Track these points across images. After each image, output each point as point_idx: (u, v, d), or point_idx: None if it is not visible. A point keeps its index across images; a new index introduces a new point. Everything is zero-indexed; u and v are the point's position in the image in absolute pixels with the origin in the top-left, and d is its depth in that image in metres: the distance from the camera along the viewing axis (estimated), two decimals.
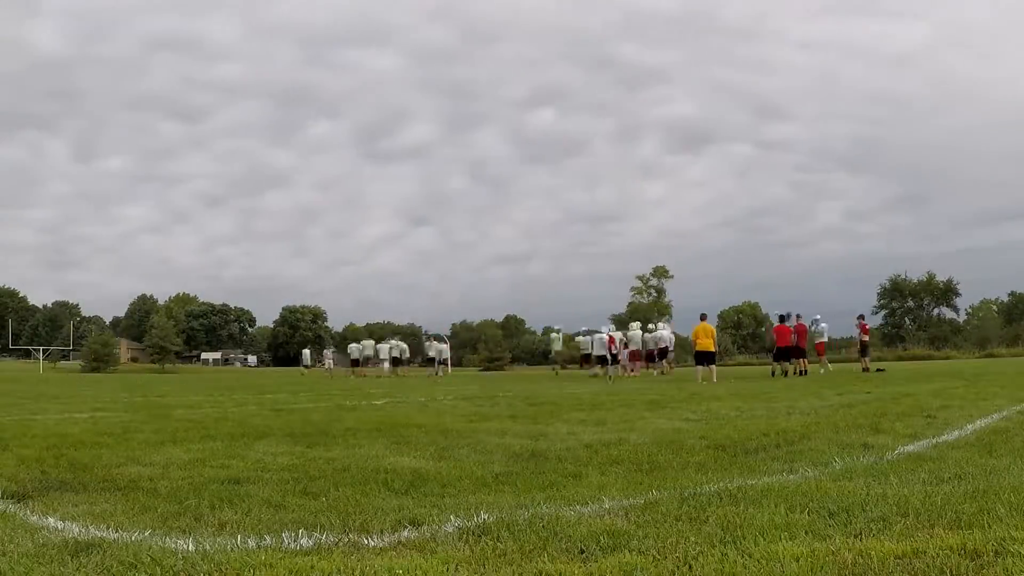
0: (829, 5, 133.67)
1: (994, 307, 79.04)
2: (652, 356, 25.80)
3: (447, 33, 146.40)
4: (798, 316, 21.88)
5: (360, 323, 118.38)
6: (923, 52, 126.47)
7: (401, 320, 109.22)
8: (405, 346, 36.06)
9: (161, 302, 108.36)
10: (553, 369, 31.53)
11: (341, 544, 2.86)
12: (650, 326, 27.56)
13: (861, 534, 2.82)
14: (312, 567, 2.56)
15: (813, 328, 22.02)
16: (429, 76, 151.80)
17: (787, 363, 21.16)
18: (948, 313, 69.51)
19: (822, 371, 21.16)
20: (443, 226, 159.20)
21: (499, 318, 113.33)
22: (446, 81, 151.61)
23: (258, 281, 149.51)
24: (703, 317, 21.11)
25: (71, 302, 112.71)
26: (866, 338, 22.52)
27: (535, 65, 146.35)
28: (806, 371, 20.64)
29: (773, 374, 20.83)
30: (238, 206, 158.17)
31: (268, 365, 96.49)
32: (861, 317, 23.36)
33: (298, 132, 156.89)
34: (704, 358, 19.61)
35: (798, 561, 2.50)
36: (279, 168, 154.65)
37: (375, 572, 2.52)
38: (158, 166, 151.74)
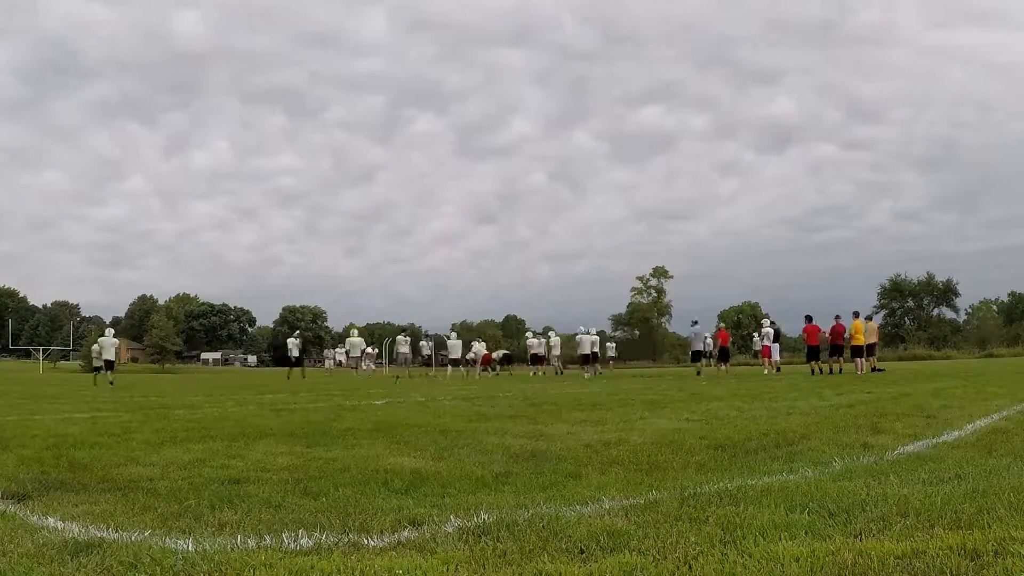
0: (954, 16, 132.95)
1: (994, 307, 79.04)
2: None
3: (589, 34, 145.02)
4: (837, 317, 22.61)
5: (360, 323, 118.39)
6: None
7: (401, 320, 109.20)
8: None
9: (161, 302, 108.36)
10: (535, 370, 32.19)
11: (341, 544, 2.86)
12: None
13: (861, 534, 2.83)
14: (312, 567, 2.56)
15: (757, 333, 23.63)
16: (551, 74, 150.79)
17: (817, 362, 21.89)
18: (948, 313, 69.58)
19: (765, 372, 22.67)
20: (506, 224, 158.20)
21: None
22: (566, 79, 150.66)
23: (305, 280, 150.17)
24: (856, 315, 22.43)
25: (72, 302, 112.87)
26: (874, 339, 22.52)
27: (659, 65, 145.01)
28: (841, 369, 21.31)
29: (813, 372, 21.37)
30: (311, 203, 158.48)
31: (268, 365, 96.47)
32: (860, 316, 23.35)
33: (401, 128, 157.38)
34: (857, 351, 21.38)
35: (798, 561, 2.50)
36: (367, 165, 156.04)
37: (375, 572, 2.52)
38: (246, 162, 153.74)
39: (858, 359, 21.09)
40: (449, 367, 30.86)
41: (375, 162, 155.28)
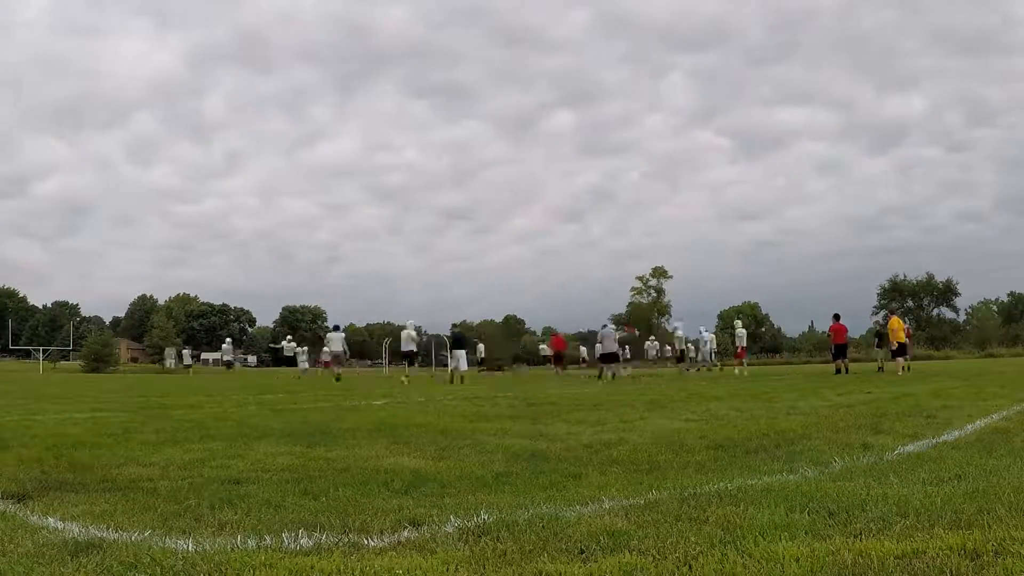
0: None
1: (994, 307, 79.11)
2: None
3: (771, 37, 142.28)
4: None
5: (360, 323, 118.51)
6: None
7: (401, 320, 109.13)
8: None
9: (161, 302, 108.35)
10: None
11: (341, 544, 2.86)
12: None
13: (861, 534, 2.83)
14: (312, 567, 2.56)
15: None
16: (708, 76, 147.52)
17: (847, 360, 21.90)
18: (948, 313, 69.56)
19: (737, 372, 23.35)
20: (588, 223, 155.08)
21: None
22: (720, 81, 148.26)
23: (357, 279, 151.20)
24: (892, 311, 22.26)
25: (71, 302, 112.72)
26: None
27: (819, 69, 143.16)
28: (848, 369, 21.36)
29: (837, 371, 21.22)
30: (407, 200, 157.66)
31: (268, 365, 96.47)
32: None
33: (536, 126, 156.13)
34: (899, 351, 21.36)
35: (798, 561, 2.50)
36: (482, 162, 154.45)
37: (375, 572, 2.52)
38: (367, 158, 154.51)
39: (899, 359, 20.92)
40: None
41: (493, 159, 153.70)
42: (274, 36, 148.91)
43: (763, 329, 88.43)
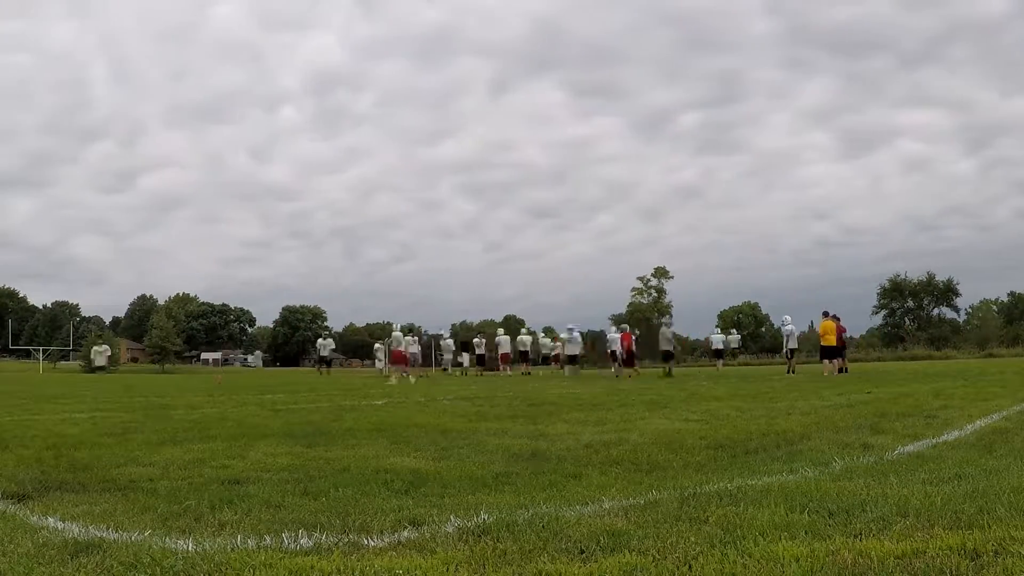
0: None
1: (994, 307, 79.10)
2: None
3: (924, 45, 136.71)
4: (824, 315, 22.15)
5: (360, 323, 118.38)
6: None
7: (399, 320, 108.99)
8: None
9: (161, 302, 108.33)
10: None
11: (341, 544, 2.86)
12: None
13: (861, 534, 2.83)
14: (312, 567, 2.56)
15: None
16: (852, 77, 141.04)
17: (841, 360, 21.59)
18: (948, 313, 69.47)
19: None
20: (663, 222, 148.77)
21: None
22: (866, 82, 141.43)
23: (414, 275, 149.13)
24: (825, 315, 22.07)
25: (71, 302, 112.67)
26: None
27: (956, 74, 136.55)
28: (847, 369, 21.20)
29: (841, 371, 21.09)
30: (496, 198, 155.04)
31: (268, 365, 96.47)
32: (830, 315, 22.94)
33: (666, 126, 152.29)
34: (828, 352, 20.93)
35: (798, 561, 2.50)
36: (594, 158, 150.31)
37: (375, 572, 2.52)
38: (483, 155, 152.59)
39: (826, 360, 20.89)
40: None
41: (606, 156, 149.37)
42: (458, 31, 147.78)
43: (763, 329, 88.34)
